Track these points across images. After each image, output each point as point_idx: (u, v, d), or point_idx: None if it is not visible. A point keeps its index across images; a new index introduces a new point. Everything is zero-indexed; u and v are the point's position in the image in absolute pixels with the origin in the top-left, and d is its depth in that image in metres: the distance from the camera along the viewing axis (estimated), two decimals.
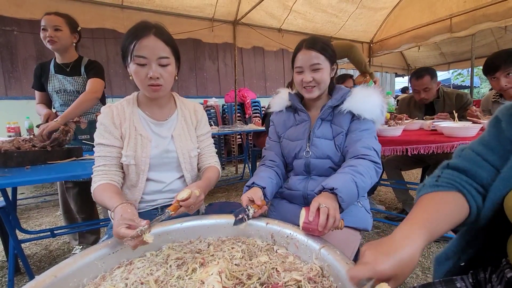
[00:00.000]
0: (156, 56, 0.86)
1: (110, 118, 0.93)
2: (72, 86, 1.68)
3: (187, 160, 1.01)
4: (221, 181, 3.89)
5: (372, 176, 0.89)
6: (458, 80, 13.97)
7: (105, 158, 0.91)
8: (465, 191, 0.56)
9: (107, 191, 0.84)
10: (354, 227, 0.96)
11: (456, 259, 0.60)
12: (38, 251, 2.01)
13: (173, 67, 0.92)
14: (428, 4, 3.71)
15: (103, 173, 0.90)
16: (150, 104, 0.99)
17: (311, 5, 3.61)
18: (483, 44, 5.21)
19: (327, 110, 1.04)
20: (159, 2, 2.99)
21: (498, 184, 0.54)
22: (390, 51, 4.65)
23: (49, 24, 1.55)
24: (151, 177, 0.98)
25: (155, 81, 0.87)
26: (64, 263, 0.60)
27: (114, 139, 0.92)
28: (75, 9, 2.55)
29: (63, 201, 1.78)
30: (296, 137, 1.08)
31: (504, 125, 0.57)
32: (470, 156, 0.61)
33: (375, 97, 1.01)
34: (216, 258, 0.67)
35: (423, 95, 2.15)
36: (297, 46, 1.06)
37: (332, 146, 1.02)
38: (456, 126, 1.49)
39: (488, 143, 0.59)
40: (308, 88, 1.04)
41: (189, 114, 1.06)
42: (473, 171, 0.58)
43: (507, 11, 2.90)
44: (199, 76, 5.34)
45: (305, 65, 1.02)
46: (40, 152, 1.33)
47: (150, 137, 0.96)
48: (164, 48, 0.88)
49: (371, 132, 1.01)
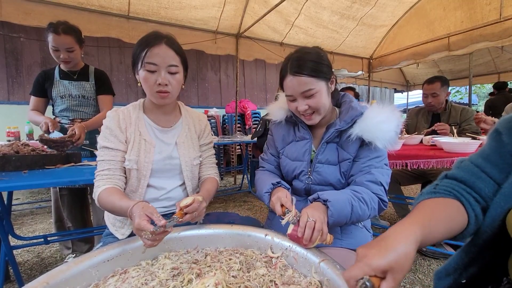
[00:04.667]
0: (166, 64, 0.88)
1: (116, 122, 0.93)
2: (78, 91, 1.72)
3: (189, 168, 1.01)
4: (219, 191, 3.85)
5: (374, 209, 0.84)
6: (456, 97, 14.16)
7: (109, 162, 0.90)
8: (463, 199, 0.55)
9: (116, 194, 0.83)
10: (353, 249, 0.92)
11: (457, 276, 0.59)
12: (29, 259, 1.96)
13: (181, 76, 0.95)
14: (426, 23, 3.81)
15: (107, 178, 0.89)
16: (155, 110, 1.00)
17: (312, 21, 3.71)
18: (480, 63, 5.33)
19: (334, 134, 0.91)
20: (164, 14, 3.07)
21: (499, 200, 0.53)
22: (389, 67, 4.73)
23: (62, 47, 1.59)
24: (152, 183, 0.97)
25: (163, 88, 0.89)
26: (57, 270, 0.58)
27: (119, 143, 0.92)
28: (82, 18, 2.62)
29: (56, 209, 1.75)
30: (296, 157, 0.99)
31: (505, 138, 0.56)
32: (468, 167, 0.60)
33: (392, 123, 0.85)
34: (213, 269, 0.65)
35: (430, 100, 2.23)
36: (282, 67, 0.91)
37: (336, 172, 0.92)
38: (456, 142, 1.50)
39: (488, 156, 0.58)
40: (306, 116, 0.92)
41: (193, 123, 1.07)
42: (471, 182, 0.57)
43: (503, 31, 2.99)
44: (201, 86, 5.40)
45: (295, 93, 0.88)
46: (39, 156, 1.32)
47: (154, 142, 0.96)
48: (174, 56, 0.90)
49: (382, 159, 0.90)
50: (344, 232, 0.94)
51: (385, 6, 3.70)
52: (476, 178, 0.57)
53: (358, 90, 4.36)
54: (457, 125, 2.14)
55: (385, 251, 0.41)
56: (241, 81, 5.75)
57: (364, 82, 6.31)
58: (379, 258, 0.40)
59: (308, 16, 3.61)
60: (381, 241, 0.44)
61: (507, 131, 0.56)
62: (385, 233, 0.46)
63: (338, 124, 0.91)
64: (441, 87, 2.18)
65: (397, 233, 0.44)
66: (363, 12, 3.70)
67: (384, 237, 0.45)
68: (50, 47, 1.59)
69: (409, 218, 0.49)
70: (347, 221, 0.81)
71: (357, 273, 0.41)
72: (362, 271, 0.41)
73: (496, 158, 0.57)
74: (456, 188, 0.57)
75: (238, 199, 3.47)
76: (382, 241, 0.44)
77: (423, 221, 0.48)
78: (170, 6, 3.00)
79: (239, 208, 3.11)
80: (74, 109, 1.72)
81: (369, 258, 0.41)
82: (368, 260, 0.41)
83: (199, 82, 5.37)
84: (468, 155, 0.64)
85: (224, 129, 4.72)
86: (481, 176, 0.57)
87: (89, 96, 1.75)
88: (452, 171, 0.63)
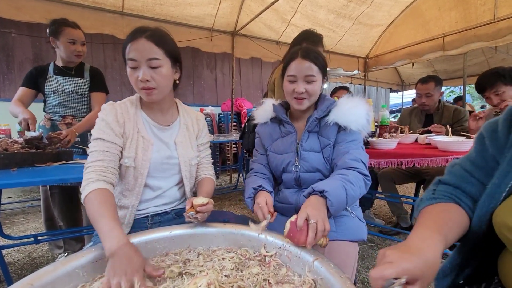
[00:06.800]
0: (145, 58, 0.83)
1: (113, 115, 0.88)
2: (71, 87, 1.70)
3: (188, 168, 0.99)
4: (214, 190, 3.83)
5: (361, 186, 0.88)
6: (450, 97, 14.32)
7: (103, 153, 0.82)
8: (462, 203, 0.58)
9: (104, 206, 0.71)
10: (351, 240, 0.94)
11: (454, 276, 0.59)
12: (20, 258, 1.92)
13: (167, 69, 0.88)
14: (421, 22, 3.83)
15: (100, 171, 0.79)
16: (152, 107, 0.97)
17: (308, 20, 3.70)
18: (474, 63, 5.38)
19: (314, 122, 1.01)
20: (159, 11, 3.03)
21: (484, 200, 0.54)
22: (385, 66, 4.75)
23: (79, 40, 1.66)
24: (148, 183, 0.94)
25: (145, 84, 0.84)
26: (43, 271, 0.56)
27: (115, 136, 0.86)
28: (75, 14, 2.57)
29: (46, 208, 1.72)
30: (283, 150, 1.05)
31: (487, 142, 0.58)
32: (459, 172, 0.62)
33: (361, 108, 0.99)
34: (205, 269, 0.64)
35: (424, 100, 2.23)
36: (291, 53, 1.02)
37: (320, 158, 1.00)
38: (450, 141, 1.51)
39: (475, 160, 0.60)
40: (298, 99, 1.01)
41: (191, 122, 1.04)
42: (463, 187, 0.60)
43: (497, 32, 3.01)
44: (196, 84, 5.36)
45: (299, 75, 0.98)
46: (28, 154, 1.29)
47: (152, 140, 0.93)
48: (153, 49, 0.84)
49: (358, 142, 0.99)
50: (338, 224, 0.96)
51: (381, 6, 3.71)
52: (467, 183, 0.60)
53: (354, 90, 4.38)
54: (450, 126, 2.15)
55: (418, 259, 0.41)
56: (237, 80, 5.72)
57: (360, 82, 6.33)
58: (413, 265, 0.40)
59: (304, 15, 3.60)
60: (410, 247, 0.44)
61: (489, 134, 0.58)
62: (411, 241, 0.47)
63: (316, 114, 1.02)
64: (435, 87, 2.18)
65: (424, 240, 0.46)
66: (359, 11, 3.70)
67: (411, 243, 0.46)
68: (66, 40, 1.62)
69: (428, 223, 0.51)
70: (345, 206, 0.83)
71: (390, 273, 0.40)
72: (395, 272, 0.40)
73: (481, 162, 0.59)
74: (454, 193, 0.59)
75: (234, 198, 3.45)
76: (411, 247, 0.44)
77: (442, 229, 0.49)
78: (165, 3, 2.96)
79: (235, 207, 3.10)
80: (67, 105, 1.70)
81: (403, 262, 0.41)
82: (402, 264, 0.40)
83: (195, 80, 5.33)
84: (462, 154, 0.65)
85: (220, 127, 4.70)
86: (471, 181, 0.59)
87: (83, 92, 1.73)
88: (445, 176, 0.65)
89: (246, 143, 1.88)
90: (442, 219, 0.53)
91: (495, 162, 0.56)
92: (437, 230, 0.48)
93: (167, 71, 0.88)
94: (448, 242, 0.49)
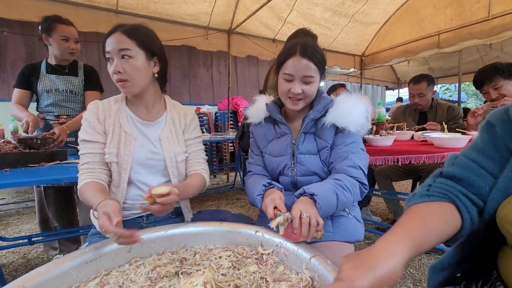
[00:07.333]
0: (116, 49, 0.84)
1: (94, 113, 0.91)
2: (65, 86, 1.67)
3: (174, 164, 0.98)
4: (212, 189, 3.83)
5: (356, 194, 0.86)
6: (445, 95, 14.43)
7: (88, 155, 0.89)
8: (459, 202, 0.53)
9: (91, 189, 0.81)
10: (347, 241, 0.93)
11: (451, 270, 0.58)
12: (15, 260, 1.90)
13: (140, 61, 0.87)
14: (417, 20, 3.85)
15: (87, 172, 0.87)
16: (136, 103, 0.97)
17: (305, 18, 3.69)
18: (469, 60, 5.42)
19: (310, 123, 0.96)
20: (154, 9, 3.00)
21: (495, 195, 0.51)
22: (381, 64, 4.77)
23: (72, 37, 1.63)
24: (135, 181, 0.94)
25: (118, 76, 0.85)
26: (35, 272, 0.55)
27: (97, 135, 0.90)
28: (68, 12, 2.52)
29: (40, 209, 1.69)
30: (278, 152, 1.00)
31: (498, 130, 0.54)
32: (466, 163, 0.56)
33: (360, 107, 0.92)
34: (202, 268, 0.63)
35: (417, 100, 2.23)
36: (289, 48, 0.93)
37: (317, 161, 0.95)
38: (446, 137, 1.51)
39: (483, 149, 0.55)
40: (294, 100, 0.94)
41: (178, 117, 1.03)
42: (471, 180, 0.54)
43: (491, 29, 3.04)
44: (192, 83, 5.33)
45: (297, 75, 0.91)
46: (21, 154, 1.27)
47: (135, 135, 0.93)
48: (125, 40, 0.85)
49: (357, 144, 0.94)
50: (336, 225, 0.95)
51: (376, 3, 3.72)
52: (476, 176, 0.54)
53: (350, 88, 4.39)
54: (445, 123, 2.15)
55: (372, 275, 0.40)
56: (234, 78, 5.70)
57: (356, 80, 6.36)
58: (365, 283, 0.39)
59: (300, 13, 3.59)
60: (369, 259, 0.43)
61: (500, 123, 0.54)
62: (373, 248, 0.45)
63: (312, 114, 0.96)
64: (427, 86, 2.16)
65: (387, 250, 0.43)
66: (355, 9, 3.70)
67: (372, 253, 0.44)
68: (59, 37, 1.58)
69: (400, 229, 0.48)
70: (335, 211, 0.83)
71: None
72: None
73: (492, 151, 0.54)
74: (451, 190, 0.54)
75: (231, 197, 3.45)
76: (370, 259, 0.43)
77: (413, 235, 0.46)
78: (160, 1, 2.93)
79: (232, 206, 3.09)
80: (61, 104, 1.67)
81: (354, 280, 0.40)
82: (353, 283, 0.40)
83: (191, 79, 5.29)
84: (458, 150, 0.63)
85: (217, 126, 4.68)
86: (481, 173, 0.54)
87: (77, 91, 1.70)
88: (447, 168, 0.59)
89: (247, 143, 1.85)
90: (423, 224, 0.49)
91: (508, 152, 0.52)
92: (407, 237, 0.45)
93: (141, 63, 0.88)
94: (420, 249, 0.46)
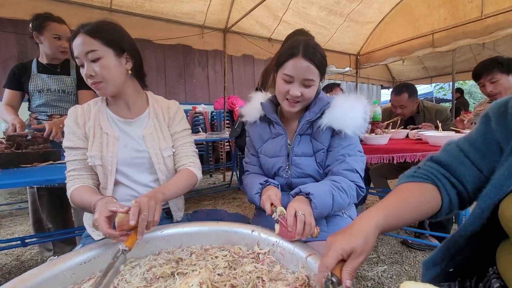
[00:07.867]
0: (83, 53, 0.81)
1: (74, 118, 0.91)
2: (57, 85, 1.64)
3: (161, 160, 0.95)
4: (208, 188, 3.81)
5: (353, 196, 0.87)
6: (440, 93, 14.58)
7: (73, 162, 0.89)
8: (440, 184, 0.58)
9: (85, 192, 0.82)
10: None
11: (444, 265, 0.59)
12: (8, 262, 1.87)
13: (109, 60, 0.83)
14: (411, 20, 3.87)
15: (74, 178, 0.88)
16: (116, 102, 0.95)
17: (300, 17, 3.69)
18: (462, 60, 5.50)
19: (305, 125, 0.94)
20: (148, 7, 2.97)
21: (488, 191, 0.51)
22: (376, 63, 4.79)
23: (64, 35, 1.60)
24: (121, 180, 0.92)
25: (91, 80, 0.83)
26: (28, 274, 0.54)
27: (78, 140, 0.89)
28: (61, 11, 2.48)
29: (34, 210, 1.67)
30: (273, 153, 0.99)
31: (493, 124, 0.54)
32: (453, 151, 0.61)
33: (358, 109, 0.90)
34: (198, 268, 0.63)
35: (399, 111, 2.22)
36: (291, 48, 0.89)
37: (313, 163, 0.94)
38: (441, 135, 1.53)
39: (474, 141, 0.58)
40: (291, 102, 0.92)
41: (161, 111, 1.00)
42: (454, 166, 0.59)
43: (484, 29, 3.07)
44: (188, 82, 5.30)
45: (297, 77, 0.88)
46: (14, 155, 1.25)
47: (117, 135, 0.91)
48: (89, 41, 0.80)
49: (354, 146, 0.93)
50: (330, 224, 0.95)
51: (371, 3, 3.73)
52: (459, 163, 0.58)
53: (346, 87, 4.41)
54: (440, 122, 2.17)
55: (349, 236, 0.48)
56: (229, 77, 5.68)
57: (352, 79, 6.39)
58: (343, 243, 0.47)
59: (296, 12, 3.58)
60: (348, 228, 0.51)
61: (496, 116, 0.54)
62: (353, 221, 0.53)
63: (308, 116, 0.94)
64: (408, 98, 2.14)
65: (361, 220, 0.51)
66: (350, 8, 3.71)
67: (350, 224, 0.52)
68: (50, 35, 1.55)
69: (377, 205, 0.55)
70: (330, 212, 0.83)
71: (330, 261, 0.46)
72: (333, 258, 0.46)
73: (481, 144, 0.56)
74: (435, 173, 0.60)
75: (227, 196, 3.44)
76: (348, 228, 0.51)
77: (388, 208, 0.53)
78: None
79: (228, 205, 3.09)
80: (53, 104, 1.65)
81: (336, 243, 0.47)
82: (335, 246, 0.47)
83: (187, 78, 5.27)
84: None
85: (213, 125, 4.66)
86: (464, 161, 0.58)
87: (70, 91, 1.68)
88: (438, 153, 0.64)
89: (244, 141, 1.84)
90: (400, 200, 0.56)
91: (497, 147, 0.53)
92: (382, 209, 0.52)
93: (110, 62, 0.84)
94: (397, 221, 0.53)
